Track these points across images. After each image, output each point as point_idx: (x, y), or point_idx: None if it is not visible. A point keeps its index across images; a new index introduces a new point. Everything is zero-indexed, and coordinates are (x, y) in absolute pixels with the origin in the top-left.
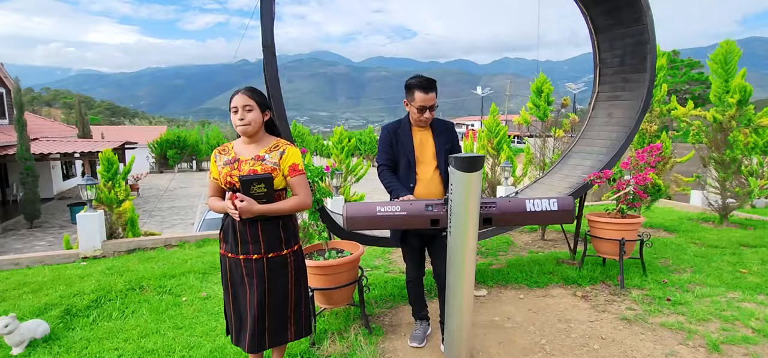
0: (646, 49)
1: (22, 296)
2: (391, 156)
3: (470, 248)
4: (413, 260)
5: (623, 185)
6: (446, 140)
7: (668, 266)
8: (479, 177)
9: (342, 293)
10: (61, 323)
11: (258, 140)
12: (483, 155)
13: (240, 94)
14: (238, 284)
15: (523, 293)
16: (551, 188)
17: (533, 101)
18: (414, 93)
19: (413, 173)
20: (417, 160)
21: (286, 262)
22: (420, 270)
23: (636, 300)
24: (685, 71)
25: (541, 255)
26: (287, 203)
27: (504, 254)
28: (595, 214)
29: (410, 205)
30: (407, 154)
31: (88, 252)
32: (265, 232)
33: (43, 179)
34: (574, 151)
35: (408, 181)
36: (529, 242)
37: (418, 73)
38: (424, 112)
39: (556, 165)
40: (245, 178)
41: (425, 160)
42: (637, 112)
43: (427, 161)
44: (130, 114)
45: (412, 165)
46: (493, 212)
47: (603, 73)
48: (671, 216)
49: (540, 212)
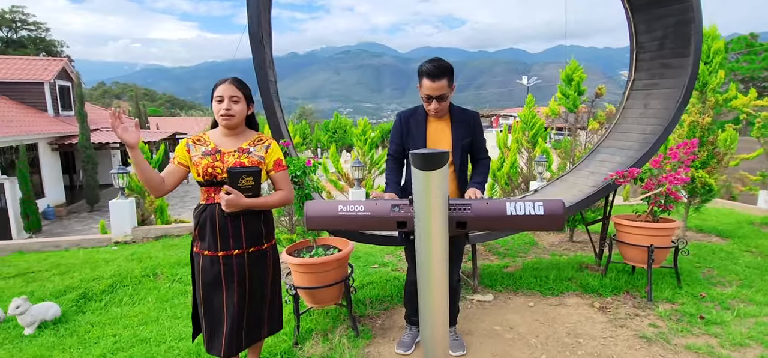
0: (690, 30)
1: (51, 277)
2: (399, 147)
3: (438, 256)
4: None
5: (652, 185)
6: (466, 133)
7: (711, 277)
8: (442, 176)
9: (328, 292)
10: (75, 306)
11: (239, 133)
12: (446, 152)
13: (227, 84)
14: (211, 285)
15: (533, 300)
16: (573, 186)
17: (562, 91)
18: (421, 80)
19: None
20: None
21: (266, 256)
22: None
23: (662, 316)
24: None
25: (564, 259)
26: (273, 198)
27: (523, 256)
28: (623, 216)
29: (375, 205)
30: (417, 145)
31: (120, 237)
32: (248, 226)
33: (104, 166)
34: (603, 146)
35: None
36: (555, 243)
37: (436, 58)
38: (431, 102)
39: (583, 161)
40: (234, 170)
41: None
42: (677, 102)
43: None
44: (187, 106)
45: None
46: (467, 215)
47: (639, 58)
48: (728, 219)
49: (522, 216)
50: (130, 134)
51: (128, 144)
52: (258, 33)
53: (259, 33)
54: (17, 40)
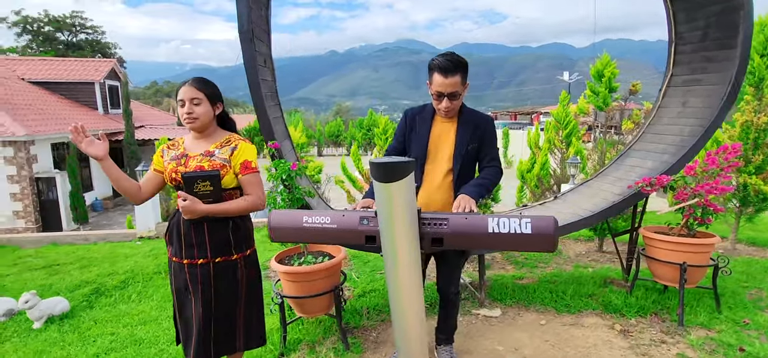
0: (738, 17)
1: (72, 271)
2: (400, 146)
3: (407, 279)
4: None
5: (685, 195)
6: (472, 137)
7: (759, 300)
8: (406, 187)
9: (317, 302)
10: (86, 302)
11: (208, 135)
12: (411, 161)
13: (188, 86)
14: (182, 291)
15: (546, 317)
16: (597, 193)
17: (591, 88)
18: (432, 75)
19: (420, 172)
20: (428, 156)
21: (236, 267)
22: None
23: (694, 345)
24: None
25: (587, 272)
26: (235, 204)
27: (543, 266)
28: (653, 228)
29: (342, 217)
30: (420, 146)
31: (144, 233)
32: (213, 234)
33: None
34: (635, 148)
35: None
36: (581, 253)
37: (449, 51)
38: (442, 100)
39: (611, 165)
40: (188, 175)
41: (439, 158)
42: (722, 99)
43: (441, 160)
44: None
45: (421, 161)
46: (443, 231)
47: (679, 51)
48: None
49: (506, 234)
50: (96, 147)
51: (95, 157)
52: (248, 30)
53: (249, 30)
54: (76, 43)
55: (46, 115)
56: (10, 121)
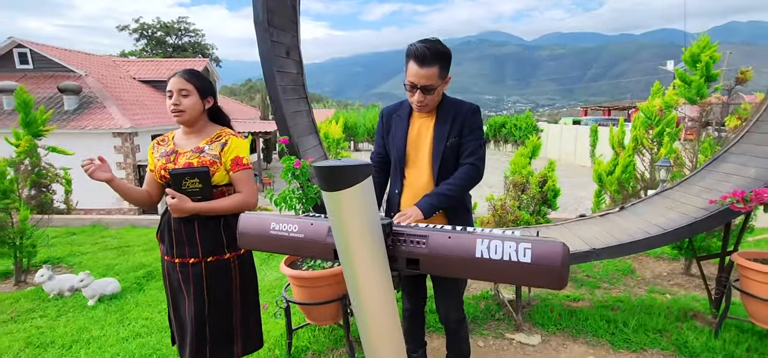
0: None
1: (137, 253)
2: (381, 149)
3: (370, 303)
4: (406, 290)
5: None
6: (451, 131)
7: None
8: (359, 196)
9: (324, 309)
10: (137, 284)
11: (199, 130)
12: (365, 163)
13: (177, 77)
14: (176, 290)
15: (597, 353)
16: (675, 206)
17: (681, 76)
18: (408, 62)
19: (401, 176)
20: (407, 158)
21: (229, 267)
22: (417, 301)
23: None
24: None
25: (662, 300)
26: (226, 202)
27: (607, 287)
28: (751, 254)
29: (310, 225)
30: (397, 148)
31: None
32: (204, 233)
33: None
34: (733, 152)
35: (393, 187)
36: (662, 274)
37: (431, 38)
38: (414, 92)
39: (699, 171)
40: (176, 171)
41: (419, 159)
42: None
43: (421, 162)
44: (315, 99)
45: (400, 164)
46: (420, 251)
47: None
48: None
49: (498, 262)
50: (103, 173)
51: (104, 181)
52: (263, 20)
53: (264, 20)
54: (181, 45)
55: (148, 110)
56: (120, 115)
